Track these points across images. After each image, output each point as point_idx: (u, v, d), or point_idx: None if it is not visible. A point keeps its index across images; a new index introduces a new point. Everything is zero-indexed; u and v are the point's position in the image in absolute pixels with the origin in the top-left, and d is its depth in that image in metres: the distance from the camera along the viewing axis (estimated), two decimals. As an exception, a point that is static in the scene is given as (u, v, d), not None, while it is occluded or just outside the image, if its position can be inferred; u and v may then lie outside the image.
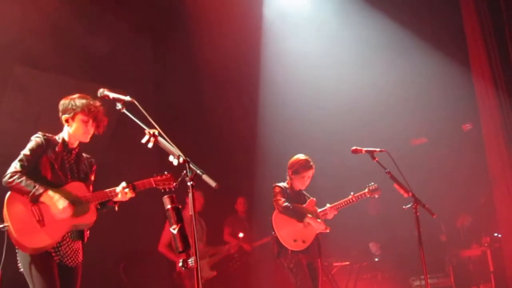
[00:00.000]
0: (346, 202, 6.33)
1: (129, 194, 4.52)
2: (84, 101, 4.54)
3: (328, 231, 6.28)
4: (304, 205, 6.30)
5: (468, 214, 9.50)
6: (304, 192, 6.51)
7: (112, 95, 4.13)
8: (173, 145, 3.78)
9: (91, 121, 4.53)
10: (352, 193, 6.34)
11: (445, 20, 9.43)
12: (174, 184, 4.55)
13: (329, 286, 8.48)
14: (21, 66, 7.54)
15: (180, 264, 3.56)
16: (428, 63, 9.43)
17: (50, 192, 4.28)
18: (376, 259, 9.39)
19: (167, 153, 3.71)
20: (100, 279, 7.35)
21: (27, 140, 4.48)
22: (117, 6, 8.39)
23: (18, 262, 4.29)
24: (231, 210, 9.39)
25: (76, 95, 4.58)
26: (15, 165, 4.33)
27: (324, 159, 6.12)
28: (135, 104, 3.86)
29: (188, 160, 3.57)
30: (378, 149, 5.75)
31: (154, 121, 3.74)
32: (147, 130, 3.81)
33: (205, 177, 3.52)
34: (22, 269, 4.28)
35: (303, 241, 6.16)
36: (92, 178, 4.78)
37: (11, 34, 7.03)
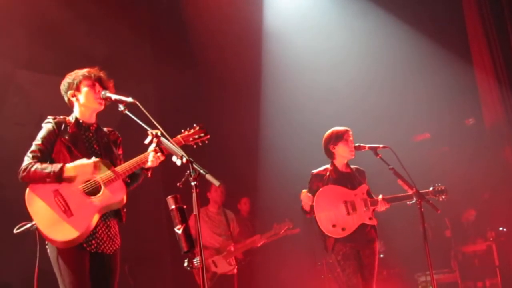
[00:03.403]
0: (401, 198, 5.74)
1: (160, 157, 4.09)
2: (82, 70, 4.32)
3: (373, 224, 5.77)
4: (353, 190, 5.80)
5: (473, 208, 9.49)
6: (356, 172, 5.96)
7: (114, 96, 4.12)
8: (175, 145, 3.78)
9: (97, 84, 4.25)
10: None
11: (446, 15, 9.43)
12: (208, 136, 4.29)
13: (334, 284, 8.47)
14: (22, 70, 7.55)
15: (185, 264, 3.55)
16: (430, 58, 9.42)
17: (69, 164, 3.99)
18: (381, 256, 9.37)
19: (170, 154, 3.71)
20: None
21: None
22: (117, 8, 8.39)
23: (49, 254, 4.04)
24: (233, 210, 9.36)
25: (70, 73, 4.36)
26: (27, 158, 4.05)
27: (327, 159, 6.05)
28: (137, 105, 3.82)
29: (191, 160, 3.55)
30: (381, 146, 5.74)
31: (155, 122, 3.72)
32: (149, 131, 3.81)
33: (208, 177, 3.49)
34: (52, 262, 4.02)
35: (343, 229, 5.63)
36: (120, 151, 4.44)
37: (11, 38, 7.04)
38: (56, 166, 3.96)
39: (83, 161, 4.03)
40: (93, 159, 4.04)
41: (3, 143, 7.06)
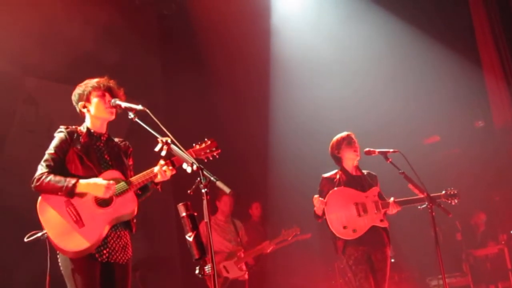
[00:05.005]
0: (412, 200, 5.72)
1: (169, 172, 4.13)
2: (92, 81, 4.33)
3: (384, 226, 5.74)
4: (364, 192, 5.79)
5: (482, 212, 9.45)
6: (368, 176, 5.96)
7: (124, 104, 4.12)
8: (186, 152, 3.78)
9: (107, 94, 4.26)
10: None
11: (453, 17, 9.41)
12: (219, 150, 4.28)
13: (345, 288, 8.45)
14: (32, 77, 7.59)
15: (197, 271, 3.54)
16: (438, 61, 9.39)
17: (82, 180, 3.98)
18: (392, 260, 9.33)
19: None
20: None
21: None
22: (126, 16, 8.42)
23: (59, 263, 4.04)
24: (244, 216, 9.34)
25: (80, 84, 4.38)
26: (41, 167, 4.05)
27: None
28: (147, 113, 3.81)
29: (202, 167, 3.55)
30: (391, 150, 5.71)
31: (165, 129, 3.71)
32: (159, 138, 3.80)
33: (219, 184, 3.49)
34: (62, 271, 4.02)
35: (354, 230, 5.62)
36: (130, 162, 4.45)
37: (21, 46, 7.07)
38: (70, 182, 3.96)
39: (97, 180, 4.02)
40: (107, 181, 4.01)
41: (14, 150, 7.10)
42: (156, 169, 4.14)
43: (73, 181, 3.96)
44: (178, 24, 9.68)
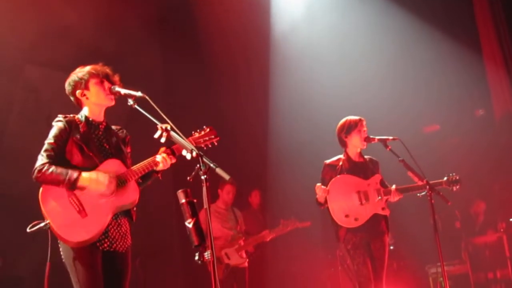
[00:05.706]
0: (414, 188, 5.68)
1: (169, 161, 4.16)
2: (86, 68, 4.28)
3: (386, 214, 5.75)
4: (367, 180, 5.78)
5: (482, 201, 9.46)
6: (370, 163, 5.95)
7: (123, 91, 4.10)
8: (185, 139, 3.79)
9: (105, 80, 4.22)
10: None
11: (454, 4, 9.37)
12: (218, 138, 4.29)
13: (345, 276, 8.48)
14: (32, 65, 7.57)
15: (196, 258, 3.56)
16: (439, 49, 9.37)
17: (85, 173, 3.95)
18: (391, 247, 9.35)
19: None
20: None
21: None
22: (126, 5, 8.38)
23: (61, 252, 4.02)
24: (244, 204, 9.35)
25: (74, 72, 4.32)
26: (41, 157, 4.00)
27: (337, 150, 6.04)
28: (147, 100, 3.80)
29: (201, 154, 3.55)
30: (391, 137, 5.72)
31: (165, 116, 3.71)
32: (159, 125, 3.80)
33: (218, 171, 3.49)
34: (64, 260, 4.01)
35: (355, 219, 5.63)
36: (128, 150, 4.43)
37: (21, 34, 7.05)
38: (72, 175, 3.93)
39: (100, 177, 4.00)
40: (107, 176, 4.00)
41: (13, 139, 7.11)
42: (158, 157, 4.14)
43: (75, 174, 3.94)
44: (179, 13, 9.65)
